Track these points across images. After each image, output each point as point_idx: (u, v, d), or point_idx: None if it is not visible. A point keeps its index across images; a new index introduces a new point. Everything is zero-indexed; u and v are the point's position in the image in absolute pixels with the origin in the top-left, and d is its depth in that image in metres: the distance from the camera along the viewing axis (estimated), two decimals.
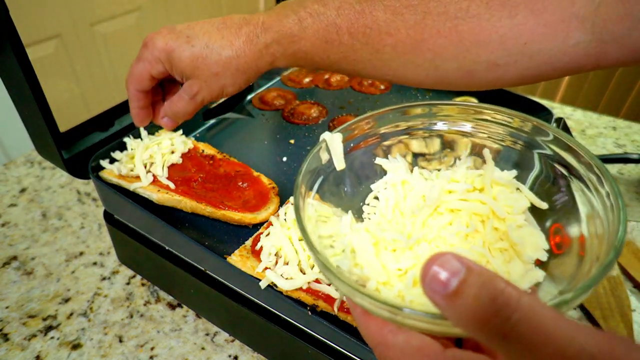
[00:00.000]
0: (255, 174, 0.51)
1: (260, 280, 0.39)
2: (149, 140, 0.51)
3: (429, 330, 0.22)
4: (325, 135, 0.32)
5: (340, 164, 0.33)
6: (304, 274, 0.38)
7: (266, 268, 0.40)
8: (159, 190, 0.47)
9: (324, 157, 0.32)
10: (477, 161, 0.34)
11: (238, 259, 0.41)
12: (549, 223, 0.31)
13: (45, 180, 0.71)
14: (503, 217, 0.30)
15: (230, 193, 0.49)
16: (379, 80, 0.42)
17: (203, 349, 0.48)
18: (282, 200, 0.49)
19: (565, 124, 0.60)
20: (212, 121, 0.63)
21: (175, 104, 0.44)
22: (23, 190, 0.69)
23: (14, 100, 0.46)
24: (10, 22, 0.40)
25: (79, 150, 0.51)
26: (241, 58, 0.40)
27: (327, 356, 0.38)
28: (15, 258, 0.58)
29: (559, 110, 0.91)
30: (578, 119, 0.88)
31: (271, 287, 0.39)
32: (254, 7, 0.78)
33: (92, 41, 0.55)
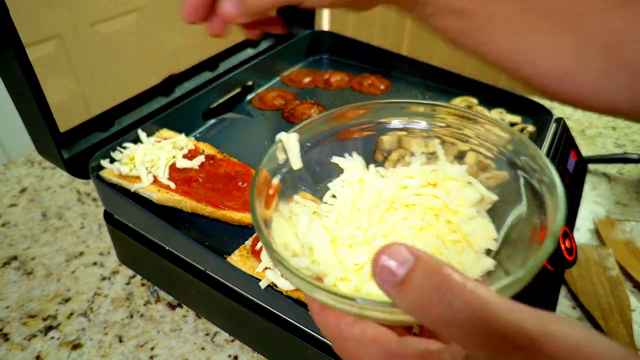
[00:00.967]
0: None
1: (260, 280, 0.39)
2: (151, 145, 0.51)
3: (384, 319, 0.23)
4: (282, 135, 0.33)
5: (296, 163, 0.33)
6: None
7: (266, 268, 0.40)
8: (159, 190, 0.47)
9: (281, 157, 0.33)
10: (431, 158, 0.35)
11: (238, 259, 0.41)
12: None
13: (45, 180, 0.71)
14: (456, 210, 0.31)
15: (231, 193, 0.49)
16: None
17: (203, 349, 0.48)
18: None
19: (565, 124, 0.60)
20: (212, 121, 0.63)
21: None
22: (23, 190, 0.69)
23: (14, 100, 0.46)
24: (10, 22, 0.40)
25: (79, 150, 0.51)
26: None
27: (327, 356, 0.38)
28: (15, 258, 0.58)
29: (559, 110, 0.91)
30: (578, 119, 0.88)
31: (271, 287, 0.39)
32: None
33: (92, 41, 0.55)
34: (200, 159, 0.51)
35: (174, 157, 0.51)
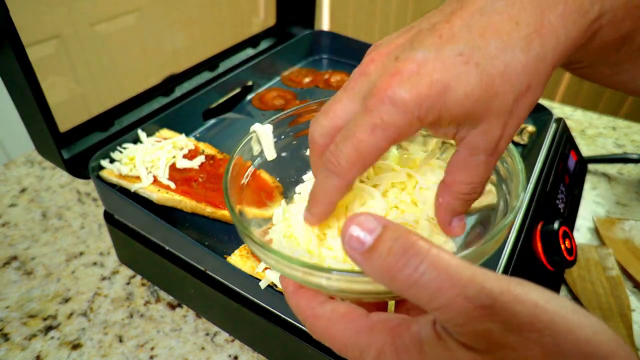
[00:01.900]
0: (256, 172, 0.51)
1: (260, 280, 0.39)
2: (151, 145, 0.51)
3: (357, 291, 0.23)
4: (256, 126, 0.33)
5: (271, 154, 0.34)
6: None
7: (266, 268, 0.40)
8: (159, 190, 0.47)
9: (256, 147, 0.33)
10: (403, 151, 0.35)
11: (238, 259, 0.41)
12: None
13: (46, 180, 0.71)
14: (427, 187, 0.31)
15: None
16: None
17: (203, 349, 0.48)
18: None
19: (565, 124, 0.60)
20: (212, 121, 0.63)
21: (466, 171, 0.25)
22: (23, 190, 0.69)
23: (14, 100, 0.46)
24: (10, 22, 0.40)
25: (79, 150, 0.51)
26: (559, 47, 0.22)
27: (327, 356, 0.38)
28: (15, 258, 0.58)
29: (559, 110, 0.91)
30: (578, 119, 0.88)
31: (271, 287, 0.39)
32: (254, 8, 0.78)
33: (92, 41, 0.55)
34: (200, 159, 0.51)
35: (174, 157, 0.51)
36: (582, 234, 0.62)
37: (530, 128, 0.60)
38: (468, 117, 0.23)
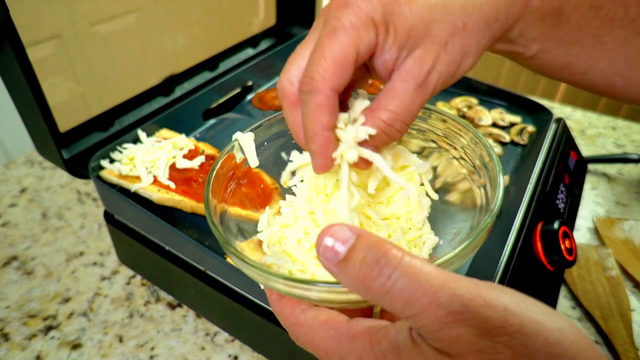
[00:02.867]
0: (255, 172, 0.51)
1: None
2: (151, 145, 0.51)
3: (335, 301, 0.24)
4: (238, 135, 0.34)
5: (253, 161, 0.34)
6: None
7: None
8: (159, 190, 0.47)
9: (238, 156, 0.34)
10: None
11: None
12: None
13: (46, 180, 0.71)
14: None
15: None
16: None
17: (203, 349, 0.48)
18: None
19: (565, 124, 0.60)
20: (212, 121, 0.63)
21: (393, 98, 0.25)
22: (23, 190, 0.69)
23: (14, 100, 0.46)
24: (10, 22, 0.40)
25: (79, 150, 0.51)
26: (492, 3, 0.26)
27: None
28: (15, 258, 0.58)
29: (559, 110, 0.91)
30: (578, 119, 0.88)
31: None
32: (254, 8, 0.78)
33: (92, 41, 0.55)
34: (200, 159, 0.51)
35: (174, 157, 0.51)
36: (582, 234, 0.62)
37: (530, 128, 0.60)
38: (410, 37, 0.25)
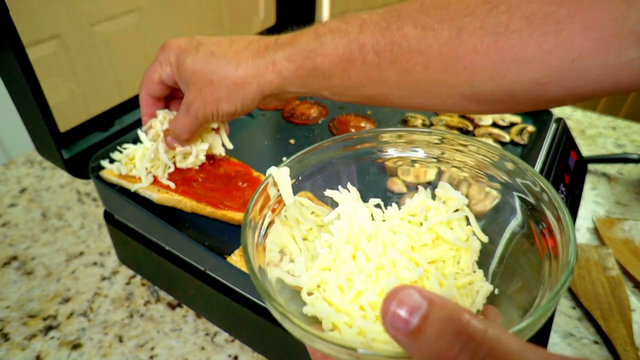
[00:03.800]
0: (256, 174, 0.51)
1: None
2: (151, 146, 0.51)
3: None
4: (272, 170, 0.32)
5: (289, 198, 0.32)
6: None
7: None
8: (159, 190, 0.47)
9: (272, 192, 0.32)
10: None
11: (238, 259, 0.41)
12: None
13: (46, 180, 0.71)
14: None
15: (231, 193, 0.49)
16: (408, 108, 0.38)
17: (203, 349, 0.48)
18: None
19: (565, 124, 0.60)
20: None
21: (175, 119, 0.43)
22: (23, 190, 0.69)
23: (14, 100, 0.46)
24: (10, 22, 0.40)
25: (79, 150, 0.51)
26: (241, 70, 0.37)
27: None
28: (15, 258, 0.58)
29: (559, 110, 0.91)
30: (578, 119, 0.88)
31: None
32: (254, 9, 0.78)
33: (92, 41, 0.55)
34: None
35: (174, 157, 0.51)
36: (582, 234, 0.62)
37: (530, 128, 0.60)
38: (189, 77, 0.39)
